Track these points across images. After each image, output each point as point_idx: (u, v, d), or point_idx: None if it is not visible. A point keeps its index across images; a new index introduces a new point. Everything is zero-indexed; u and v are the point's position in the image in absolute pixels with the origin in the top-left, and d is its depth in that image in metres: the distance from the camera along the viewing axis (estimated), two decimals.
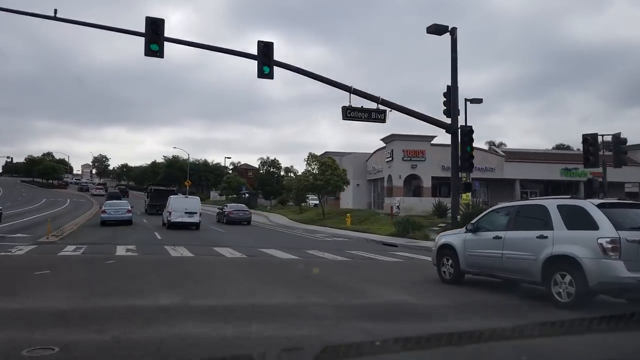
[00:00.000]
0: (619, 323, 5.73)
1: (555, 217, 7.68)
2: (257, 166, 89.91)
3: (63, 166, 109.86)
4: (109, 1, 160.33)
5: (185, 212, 26.19)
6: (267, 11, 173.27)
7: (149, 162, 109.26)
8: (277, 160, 70.84)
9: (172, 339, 5.02)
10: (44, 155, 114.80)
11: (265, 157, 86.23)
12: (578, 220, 7.41)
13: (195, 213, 26.55)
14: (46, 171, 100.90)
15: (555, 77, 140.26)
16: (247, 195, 65.37)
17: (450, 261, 9.73)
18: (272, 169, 69.59)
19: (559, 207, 7.79)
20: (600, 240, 6.92)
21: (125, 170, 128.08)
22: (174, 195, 30.12)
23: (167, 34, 15.14)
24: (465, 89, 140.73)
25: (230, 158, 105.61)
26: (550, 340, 5.44)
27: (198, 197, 29.94)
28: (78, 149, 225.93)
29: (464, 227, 9.81)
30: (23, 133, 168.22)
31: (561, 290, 7.27)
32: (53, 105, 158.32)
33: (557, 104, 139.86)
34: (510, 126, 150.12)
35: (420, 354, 4.50)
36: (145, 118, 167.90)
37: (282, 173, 68.49)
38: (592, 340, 5.36)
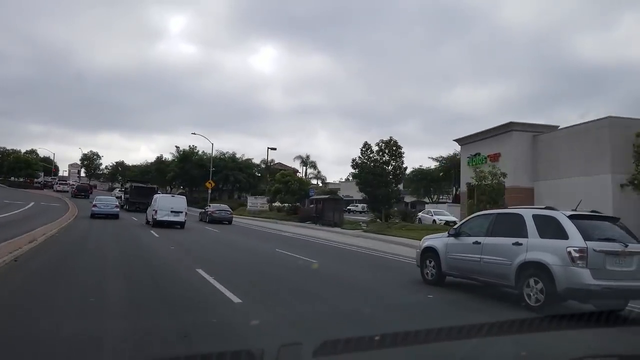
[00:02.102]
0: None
1: (530, 226, 8.19)
2: (295, 166, 70.97)
3: (47, 165, 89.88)
4: (107, 4, 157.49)
5: (171, 211, 26.28)
6: (270, 18, 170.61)
7: (151, 160, 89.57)
8: (396, 142, 34.71)
9: None
10: (26, 152, 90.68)
11: (304, 156, 66.51)
12: (550, 229, 7.91)
13: (181, 212, 26.63)
14: (17, 166, 77.46)
15: (558, 95, 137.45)
16: (317, 202, 38.72)
17: (433, 263, 10.24)
18: (385, 155, 34.54)
19: (534, 216, 8.29)
20: (569, 249, 7.41)
21: (120, 170, 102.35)
22: (160, 194, 30.05)
23: (166, 39, 15.11)
24: (464, 105, 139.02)
25: (275, 149, 68.40)
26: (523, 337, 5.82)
27: (184, 197, 30.14)
28: (72, 155, 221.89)
29: (447, 232, 10.33)
30: (16, 137, 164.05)
31: (532, 294, 7.76)
32: (47, 109, 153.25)
33: (557, 122, 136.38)
34: None
35: (418, 348, 4.72)
36: (141, 124, 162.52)
37: (404, 164, 35.32)
38: (571, 337, 5.76)
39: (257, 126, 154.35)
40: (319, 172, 75.94)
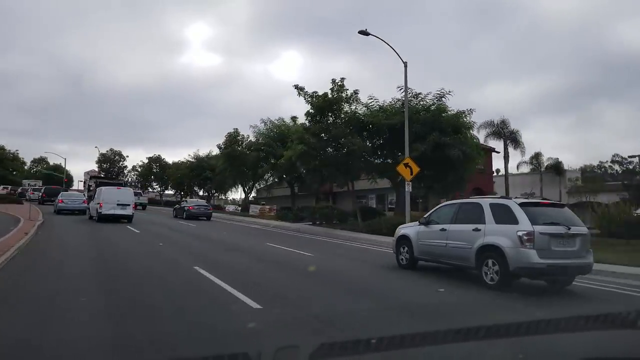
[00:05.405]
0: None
1: (487, 213, 9.26)
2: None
3: (57, 174, 70.63)
4: (124, 14, 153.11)
5: (118, 204, 24.56)
6: (293, 22, 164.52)
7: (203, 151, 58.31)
8: None
9: None
10: (34, 161, 74.97)
11: (498, 122, 38.01)
12: (504, 216, 8.98)
13: (129, 205, 25.02)
14: None
15: (597, 88, 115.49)
16: None
17: (406, 249, 11.30)
18: None
19: (490, 205, 9.37)
20: (519, 233, 8.50)
21: (156, 169, 68.02)
22: (105, 187, 27.41)
23: (186, 48, 13.58)
24: (499, 103, 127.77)
25: None
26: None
27: (131, 189, 28.04)
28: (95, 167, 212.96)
29: (418, 221, 11.39)
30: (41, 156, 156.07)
31: (489, 273, 8.85)
32: (72, 127, 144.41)
33: (593, 117, 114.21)
34: (541, 142, 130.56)
35: (418, 351, 4.56)
36: (165, 139, 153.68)
37: None
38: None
39: None
40: None
